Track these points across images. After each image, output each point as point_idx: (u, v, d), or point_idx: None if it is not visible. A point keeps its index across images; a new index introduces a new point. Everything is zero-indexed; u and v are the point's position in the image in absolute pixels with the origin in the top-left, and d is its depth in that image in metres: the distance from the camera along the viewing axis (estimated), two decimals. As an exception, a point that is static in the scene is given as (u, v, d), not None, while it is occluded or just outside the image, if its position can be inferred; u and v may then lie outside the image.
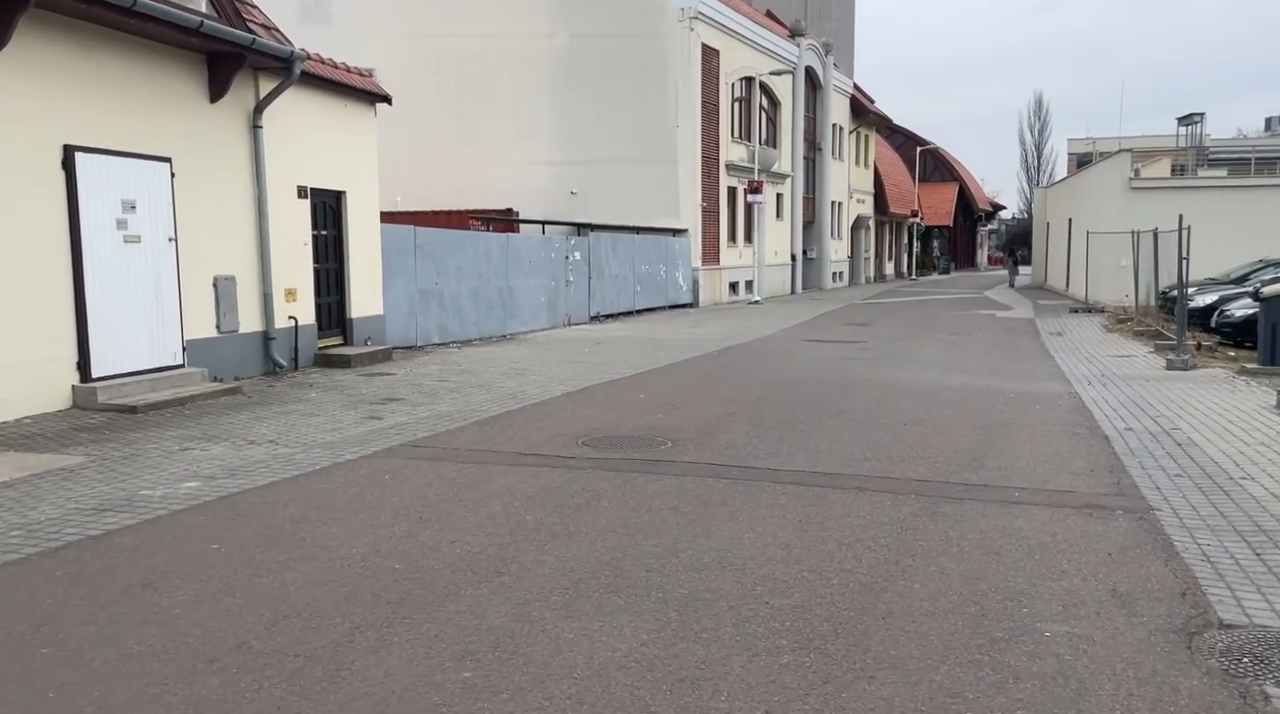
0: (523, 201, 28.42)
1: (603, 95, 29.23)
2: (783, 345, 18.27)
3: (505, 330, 19.02)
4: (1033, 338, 20.14)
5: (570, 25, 29.12)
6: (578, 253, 22.30)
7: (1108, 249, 26.41)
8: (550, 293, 21.03)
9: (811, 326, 22.86)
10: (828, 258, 42.39)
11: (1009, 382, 12.87)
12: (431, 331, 16.60)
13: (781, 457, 7.71)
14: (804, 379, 12.83)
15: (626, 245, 25.27)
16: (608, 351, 16.22)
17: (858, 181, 47.48)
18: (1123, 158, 26.24)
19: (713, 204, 31.12)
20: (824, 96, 41.30)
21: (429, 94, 29.43)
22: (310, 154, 13.14)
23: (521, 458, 7.48)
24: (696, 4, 28.70)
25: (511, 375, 12.81)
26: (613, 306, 24.41)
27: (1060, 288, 36.61)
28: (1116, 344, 18.44)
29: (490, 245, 18.41)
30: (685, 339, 19.17)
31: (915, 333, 21.16)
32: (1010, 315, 26.38)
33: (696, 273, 29.87)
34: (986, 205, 76.63)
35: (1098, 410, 10.40)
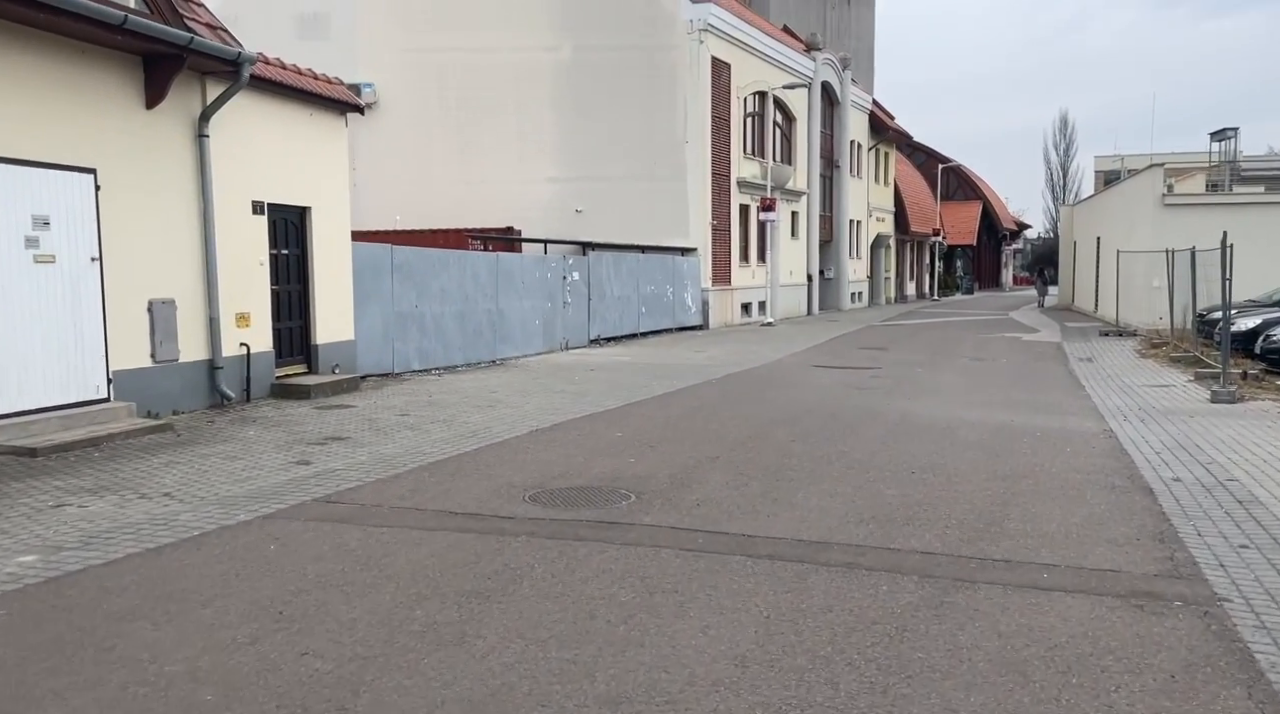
0: (526, 220, 27.36)
1: (608, 110, 28.21)
2: (790, 372, 17.02)
3: (495, 355, 17.89)
4: (1061, 364, 18.76)
5: (574, 38, 28.15)
6: (576, 273, 21.18)
7: (1139, 269, 24.98)
8: (546, 315, 19.90)
9: (823, 351, 21.58)
10: (846, 278, 41.06)
11: (1035, 417, 11.55)
12: (410, 358, 15.49)
13: (762, 518, 6.47)
14: (806, 412, 11.58)
15: (630, 265, 24.13)
16: (599, 379, 15.04)
17: (877, 200, 46.18)
18: (1154, 173, 24.84)
19: (723, 222, 29.96)
20: (841, 112, 40.12)
21: (429, 110, 28.54)
22: (269, 166, 12.10)
23: (449, 519, 6.29)
24: (706, 16, 27.66)
25: (483, 407, 11.65)
26: (615, 329, 23.24)
27: (1089, 309, 35.08)
28: (1152, 372, 17.04)
29: (478, 265, 17.32)
30: (686, 364, 17.96)
31: (934, 358, 19.83)
32: (1036, 338, 24.97)
33: (706, 293, 28.68)
34: (1011, 224, 74.97)
35: (1138, 454, 9.08)
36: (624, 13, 27.90)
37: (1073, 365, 18.54)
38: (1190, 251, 18.48)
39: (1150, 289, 24.39)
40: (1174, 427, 10.71)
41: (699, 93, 27.98)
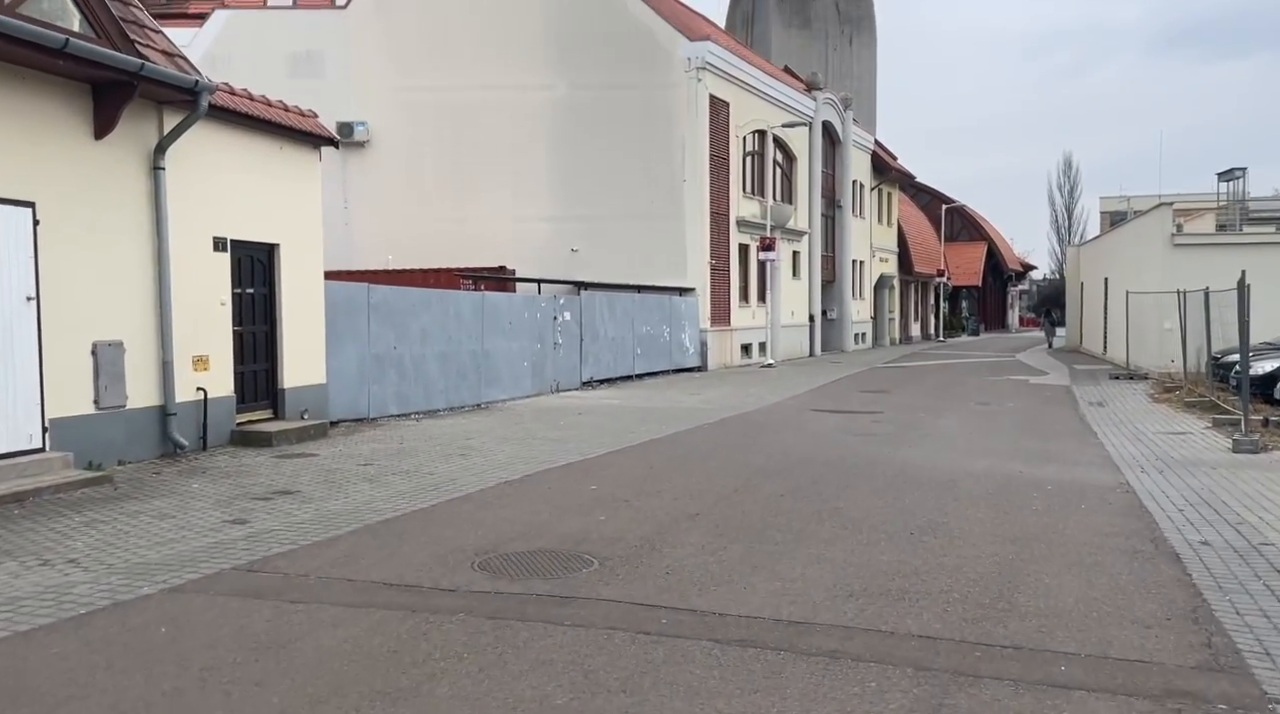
0: (521, 259, 26.81)
1: (605, 149, 27.78)
2: (787, 416, 16.27)
3: (480, 399, 17.18)
4: (1071, 409, 17.98)
5: (570, 77, 27.81)
6: (568, 313, 20.53)
7: (1149, 310, 24.25)
8: (535, 357, 19.22)
9: (824, 393, 20.83)
10: (849, 318, 40.38)
11: (1045, 467, 10.77)
12: (388, 402, 14.78)
13: (738, 590, 5.70)
14: (800, 462, 10.82)
15: (625, 305, 23.49)
16: (585, 424, 14.31)
17: (880, 240, 45.67)
18: (1163, 212, 24.21)
19: (722, 262, 29.37)
20: (843, 152, 39.73)
21: (424, 149, 28.14)
22: (233, 201, 11.51)
23: (379, 593, 5.54)
24: (704, 54, 27.31)
25: (454, 456, 10.91)
26: (609, 371, 22.54)
27: (1097, 351, 34.31)
28: (1167, 417, 16.25)
29: (462, 305, 16.67)
30: (680, 408, 17.23)
31: (938, 402, 19.07)
32: (1045, 382, 24.19)
33: (705, 334, 28.01)
34: (1016, 265, 74.43)
35: (1159, 512, 8.30)
36: (620, 51, 27.58)
37: (1083, 410, 17.77)
38: (1203, 292, 17.78)
39: (1161, 331, 23.64)
40: (1195, 479, 9.92)
41: (697, 131, 27.55)
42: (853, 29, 57.81)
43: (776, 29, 56.23)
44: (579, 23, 27.60)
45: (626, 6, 27.54)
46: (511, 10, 27.58)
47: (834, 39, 57.18)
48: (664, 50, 27.42)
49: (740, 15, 58.77)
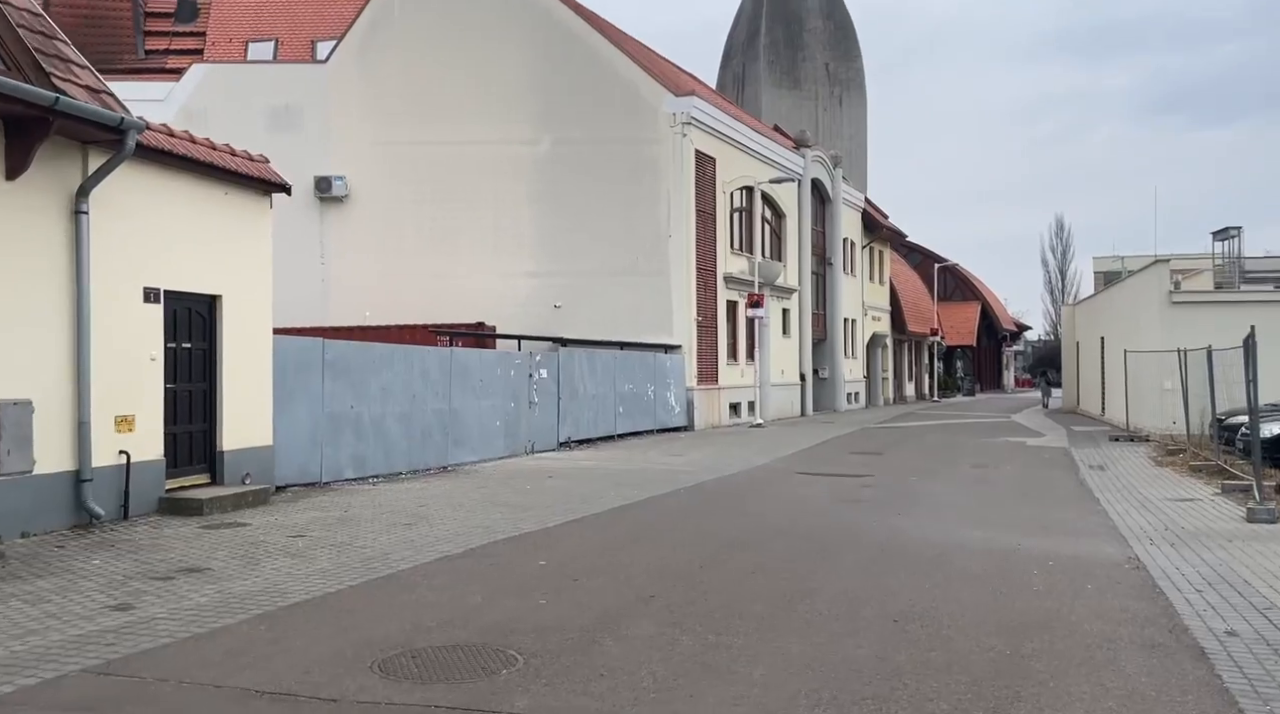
0: (502, 316, 26.06)
1: (589, 204, 27.25)
2: (771, 480, 15.35)
3: (446, 461, 16.23)
4: (1070, 473, 17.08)
5: (554, 131, 27.39)
6: (544, 370, 19.69)
7: (1148, 370, 23.47)
8: (509, 416, 18.32)
9: (812, 455, 19.91)
10: (841, 378, 39.58)
11: (1046, 539, 9.85)
12: (343, 464, 13.84)
13: (681, 700, 4.76)
14: (778, 533, 9.89)
15: (606, 362, 22.67)
16: (552, 489, 13.37)
17: (872, 298, 45.11)
18: (1159, 269, 23.61)
19: (709, 319, 28.66)
20: (833, 210, 39.35)
21: (403, 203, 27.56)
22: (170, 249, 10.73)
23: (247, 703, 4.59)
24: (689, 109, 26.94)
25: (399, 526, 9.96)
26: (589, 430, 21.62)
27: (1095, 412, 33.47)
28: (1172, 483, 15.34)
29: (428, 361, 15.83)
30: (658, 471, 16.30)
31: (932, 465, 18.16)
32: (1042, 444, 23.30)
33: (691, 393, 27.16)
34: (1010, 325, 73.98)
35: (1175, 593, 7.37)
36: (605, 106, 27.21)
37: (1083, 474, 16.88)
38: (1206, 351, 16.99)
39: (1162, 391, 22.82)
40: (1211, 554, 9.00)
41: (683, 187, 27.05)
42: (842, 90, 58.17)
43: (767, 89, 56.54)
44: (563, 77, 27.29)
45: (611, 61, 27.26)
46: (495, 64, 27.28)
47: (824, 100, 57.48)
48: (649, 105, 27.06)
49: (731, 76, 59.18)
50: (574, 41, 27.35)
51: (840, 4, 58.53)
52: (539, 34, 27.32)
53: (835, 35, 58.03)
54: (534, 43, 27.32)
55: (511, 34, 27.29)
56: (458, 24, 27.30)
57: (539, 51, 27.33)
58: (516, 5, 27.33)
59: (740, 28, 59.27)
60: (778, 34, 56.87)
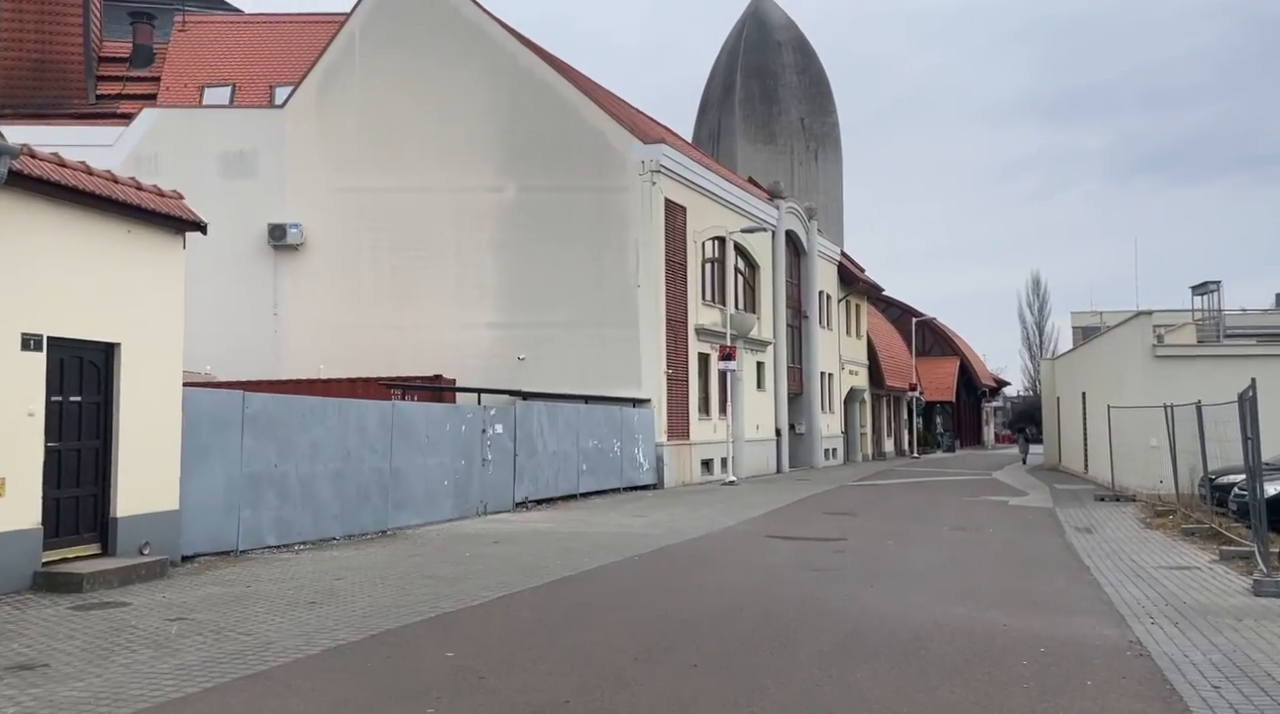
0: (464, 369, 24.93)
1: (555, 253, 26.37)
2: (736, 545, 14.19)
3: (387, 524, 14.98)
4: (1057, 536, 16.02)
5: (519, 178, 26.61)
6: (500, 425, 18.53)
7: (1133, 426, 22.58)
8: (459, 475, 17.11)
9: (784, 516, 18.77)
10: (818, 433, 38.54)
11: (1034, 616, 8.75)
12: (264, 530, 12.58)
13: None
14: (733, 612, 8.74)
15: (568, 417, 21.54)
16: (493, 557, 12.16)
17: (850, 352, 44.32)
18: (1142, 322, 22.86)
19: (680, 372, 27.64)
20: (809, 263, 38.69)
21: (361, 252, 26.58)
22: (58, 291, 9.62)
23: None
24: (658, 156, 26.25)
25: (300, 605, 8.73)
26: (549, 489, 20.40)
27: (1078, 469, 32.53)
28: (1165, 547, 14.31)
29: (366, 416, 14.66)
30: (616, 534, 15.12)
31: (909, 527, 17.06)
32: (1025, 503, 22.26)
33: (661, 449, 26.02)
34: (990, 381, 73.42)
35: (1188, 689, 6.28)
36: (572, 153, 26.49)
37: (1070, 537, 15.84)
38: (1195, 406, 16.09)
39: (1148, 449, 21.91)
40: (1222, 636, 7.92)
41: (652, 236, 26.24)
42: (818, 145, 58.11)
43: (742, 144, 56.38)
44: (528, 123, 26.60)
45: (578, 108, 26.61)
46: (459, 110, 26.57)
47: (799, 154, 57.36)
48: (617, 153, 26.36)
49: (706, 130, 59.08)
50: (541, 88, 26.71)
51: (815, 59, 58.80)
52: (504, 79, 26.69)
53: (810, 90, 58.17)
54: (499, 88, 26.67)
55: (476, 79, 26.65)
56: (420, 68, 26.65)
57: (504, 97, 26.67)
58: (481, 50, 26.74)
59: (715, 83, 59.37)
60: (752, 89, 56.93)
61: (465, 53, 26.63)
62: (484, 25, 26.74)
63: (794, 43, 58.19)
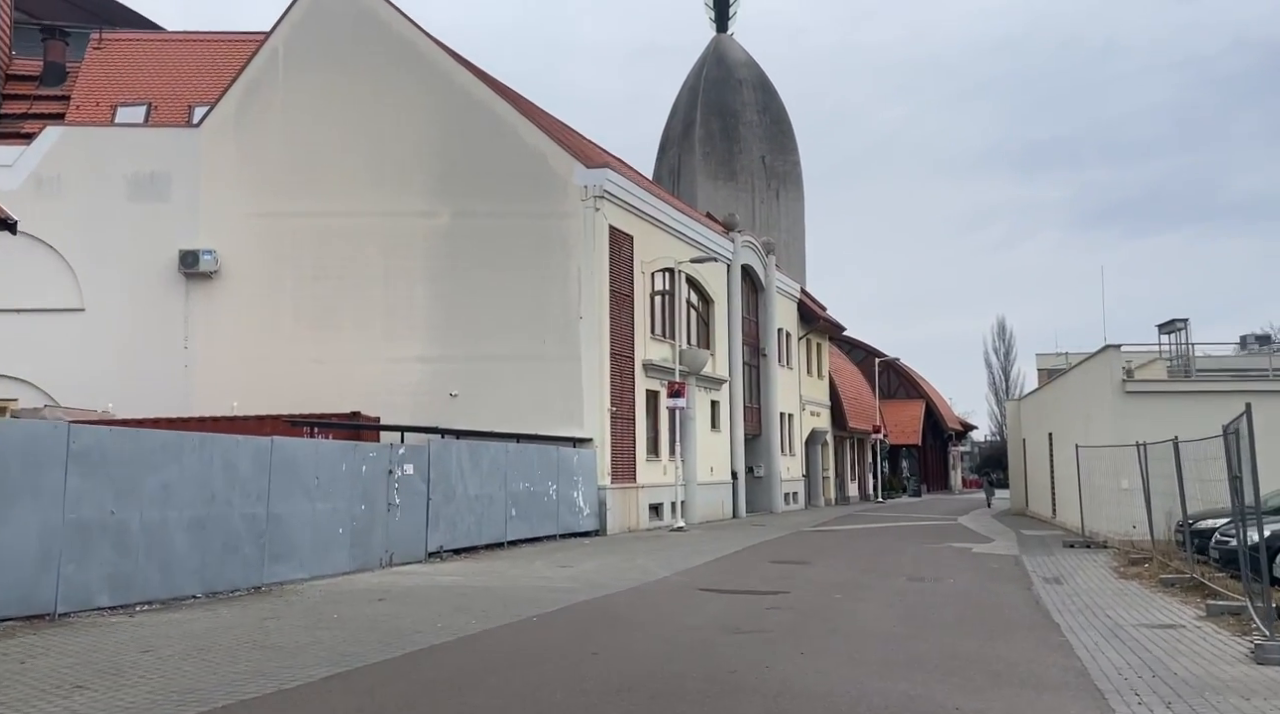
0: (391, 406, 23.03)
1: (491, 282, 24.72)
2: (661, 600, 12.42)
3: (262, 579, 13.02)
4: (1023, 588, 14.39)
5: (454, 203, 25.03)
6: (410, 466, 16.66)
7: (1103, 467, 21.13)
8: (359, 522, 15.19)
9: (726, 566, 17.02)
10: (778, 476, 36.86)
11: (996, 696, 7.06)
12: (95, 589, 10.60)
13: None
14: (630, 687, 6.99)
15: (495, 457, 19.70)
16: (366, 619, 10.29)
17: (811, 392, 42.83)
18: (1111, 356, 21.52)
19: (626, 409, 25.92)
20: (766, 298, 37.31)
21: (283, 281, 24.76)
22: None
23: None
24: (601, 181, 24.78)
25: (61, 691, 6.83)
26: (469, 537, 18.49)
27: (1044, 514, 31.04)
28: (1143, 600, 12.71)
29: (236, 454, 12.76)
30: (529, 589, 13.31)
31: (862, 577, 15.37)
32: (989, 550, 20.64)
33: (604, 492, 24.19)
34: (956, 425, 72.24)
35: (1197, 813, 4.58)
36: (510, 177, 24.98)
37: (1037, 589, 14.22)
38: (1172, 443, 14.62)
39: (1119, 491, 20.42)
40: (1227, 723, 6.25)
41: (595, 265, 24.67)
42: (779, 184, 57.29)
43: (702, 182, 55.42)
44: (464, 145, 25.09)
45: (516, 129, 25.16)
46: (389, 130, 25.02)
47: (760, 193, 56.49)
48: (558, 176, 24.88)
49: (666, 168, 58.12)
50: (477, 107, 25.25)
51: (776, 98, 58.20)
52: (438, 99, 25.21)
53: (771, 129, 57.47)
54: (433, 108, 25.18)
55: (408, 99, 25.14)
56: (348, 86, 25.11)
57: (438, 118, 25.17)
58: (414, 68, 25.27)
59: (676, 120, 58.56)
60: (713, 127, 56.13)
61: (396, 70, 25.15)
62: (417, 41, 25.32)
63: (755, 81, 57.58)
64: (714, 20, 58.90)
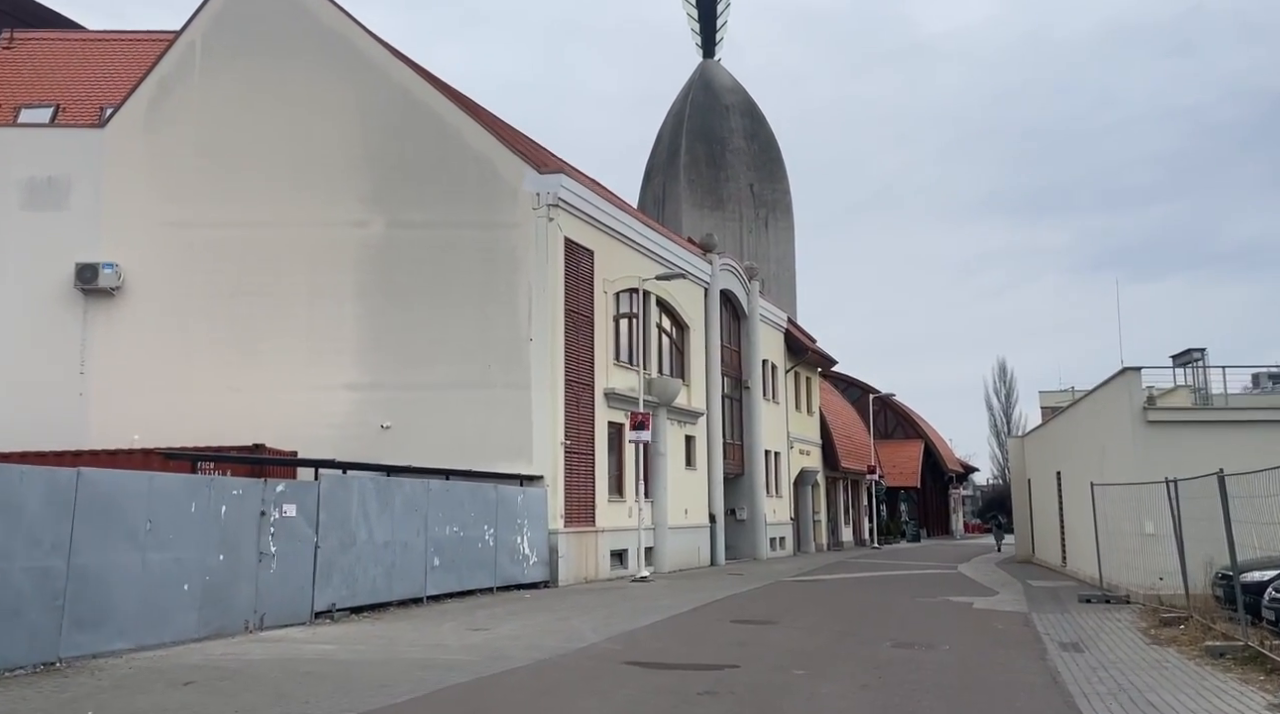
0: (313, 439, 20.22)
1: (431, 300, 22.06)
2: (563, 684, 9.53)
3: (59, 652, 10.12)
4: (1035, 657, 11.51)
5: (389, 212, 22.42)
6: (291, 506, 13.79)
7: (1122, 508, 18.24)
8: (213, 576, 12.30)
9: (674, 628, 14.09)
10: (762, 519, 33.82)
11: None
12: None
13: None
14: None
15: (412, 496, 16.83)
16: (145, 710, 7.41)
17: (800, 429, 39.94)
18: (1130, 380, 18.69)
19: (584, 444, 23.07)
20: (749, 327, 34.59)
21: (193, 298, 22.05)
22: None
23: None
24: (555, 188, 22.18)
25: None
26: (376, 593, 15.56)
27: (1053, 562, 28.00)
28: (1190, 678, 9.84)
29: (20, 490, 9.92)
30: (407, 663, 10.44)
31: (836, 645, 12.46)
32: (993, 605, 17.68)
33: (556, 537, 21.27)
34: (957, 466, 69.15)
35: None
36: (452, 183, 22.40)
37: (1054, 659, 11.38)
38: (1217, 477, 11.77)
39: (1142, 536, 17.51)
40: None
41: (549, 281, 21.98)
42: (768, 212, 54.91)
43: (688, 209, 53.04)
44: (401, 148, 22.55)
45: (460, 131, 22.62)
46: (316, 131, 22.49)
47: (749, 222, 54.10)
48: (506, 183, 22.29)
49: (651, 196, 55.81)
50: (416, 107, 22.74)
51: (764, 125, 56.05)
52: (372, 97, 22.70)
53: (759, 157, 55.26)
54: (366, 108, 22.67)
55: (339, 97, 22.63)
56: (273, 83, 22.62)
57: (372, 118, 22.65)
58: (345, 63, 22.79)
59: (661, 147, 56.38)
60: (699, 153, 53.91)
61: (325, 66, 22.68)
62: (349, 34, 22.89)
63: (742, 107, 55.48)
64: (700, 46, 56.96)
